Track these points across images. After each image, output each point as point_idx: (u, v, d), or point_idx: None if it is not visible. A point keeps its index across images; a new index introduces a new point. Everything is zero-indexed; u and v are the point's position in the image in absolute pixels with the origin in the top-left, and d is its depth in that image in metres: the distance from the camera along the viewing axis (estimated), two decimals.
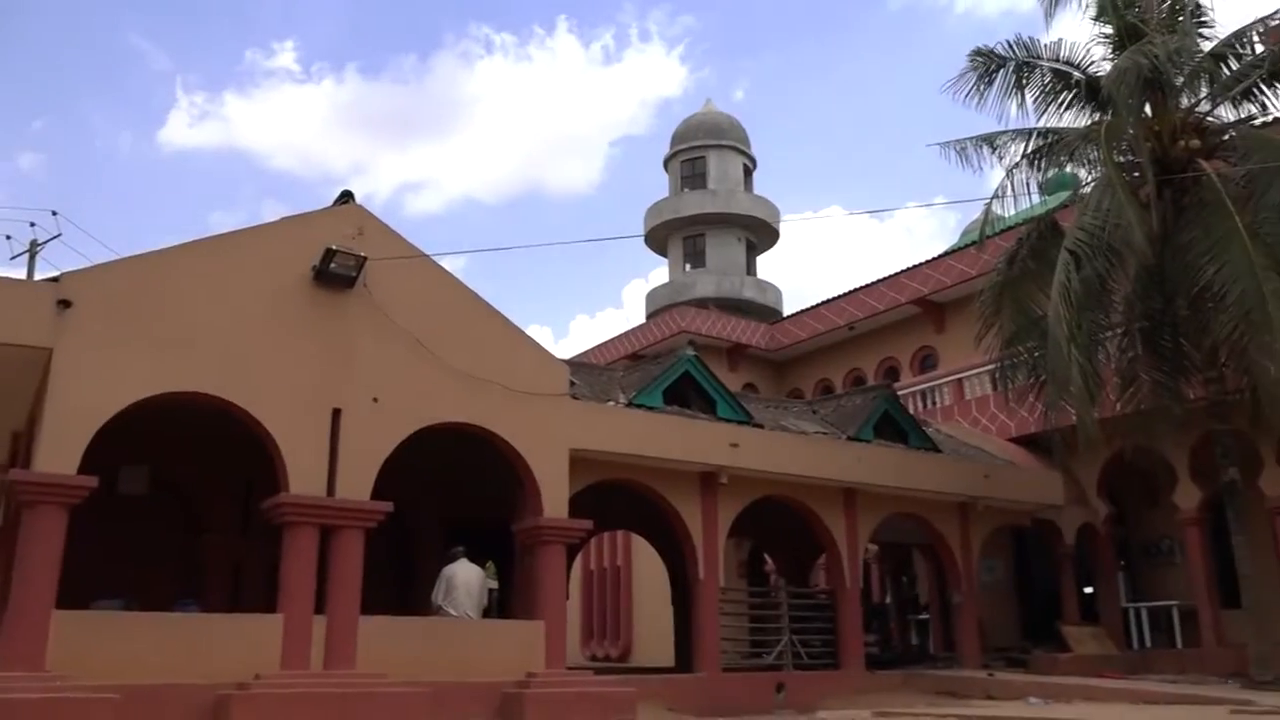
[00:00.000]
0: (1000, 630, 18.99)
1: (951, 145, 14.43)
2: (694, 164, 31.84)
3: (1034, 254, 13.87)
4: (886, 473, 14.67)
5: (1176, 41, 12.83)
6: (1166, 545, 18.08)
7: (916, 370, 23.09)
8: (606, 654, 23.92)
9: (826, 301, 24.97)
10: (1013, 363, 14.23)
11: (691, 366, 13.88)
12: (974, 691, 13.35)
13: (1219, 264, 11.72)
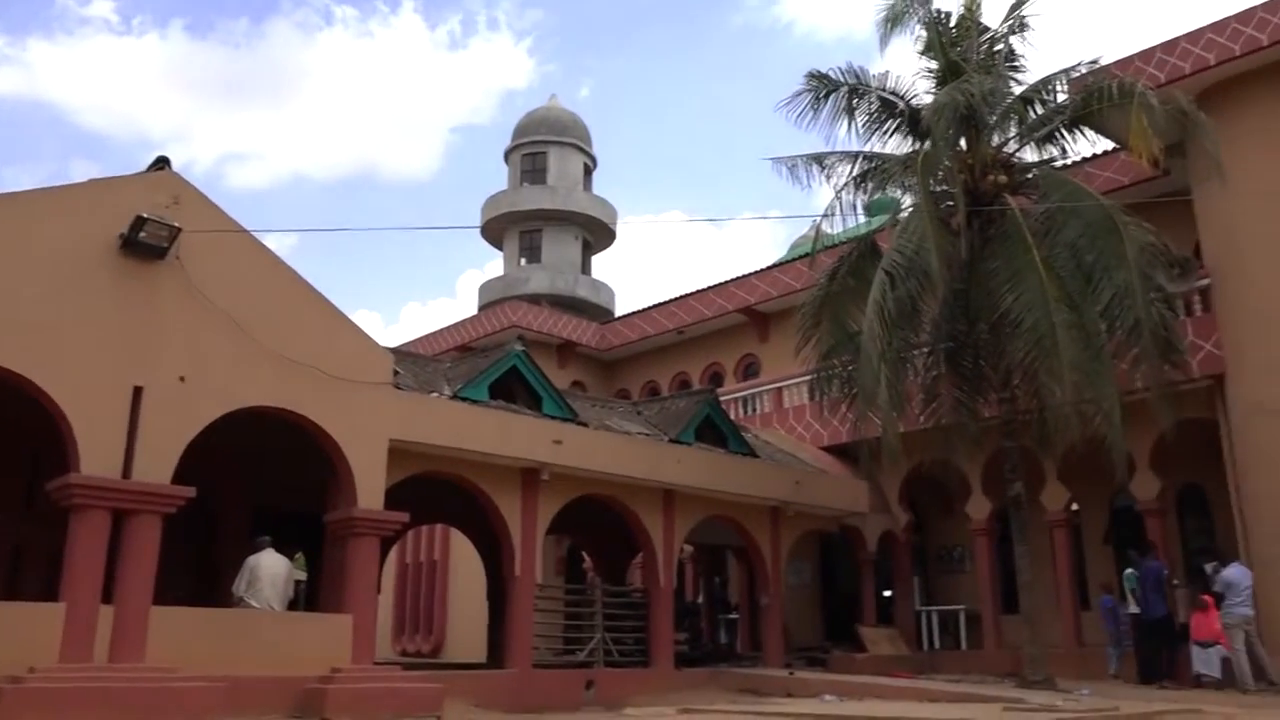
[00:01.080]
0: (804, 630, 19.80)
1: (784, 162, 14.93)
2: (535, 159, 31.70)
3: (854, 272, 14.50)
4: (705, 475, 15.02)
5: (991, 83, 13.69)
6: (958, 553, 19.31)
7: (740, 377, 23.77)
8: (418, 650, 23.50)
9: (658, 305, 25.37)
10: (828, 375, 14.82)
11: (519, 362, 13.82)
12: (775, 689, 13.83)
13: (1017, 293, 12.56)
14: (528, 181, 31.51)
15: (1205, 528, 16.56)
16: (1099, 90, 13.32)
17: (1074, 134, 14.27)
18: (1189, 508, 16.79)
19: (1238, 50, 14.11)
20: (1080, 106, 13.67)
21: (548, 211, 30.68)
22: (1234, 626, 12.94)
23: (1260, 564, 13.47)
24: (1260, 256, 14.04)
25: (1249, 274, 14.15)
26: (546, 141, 31.74)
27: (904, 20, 14.58)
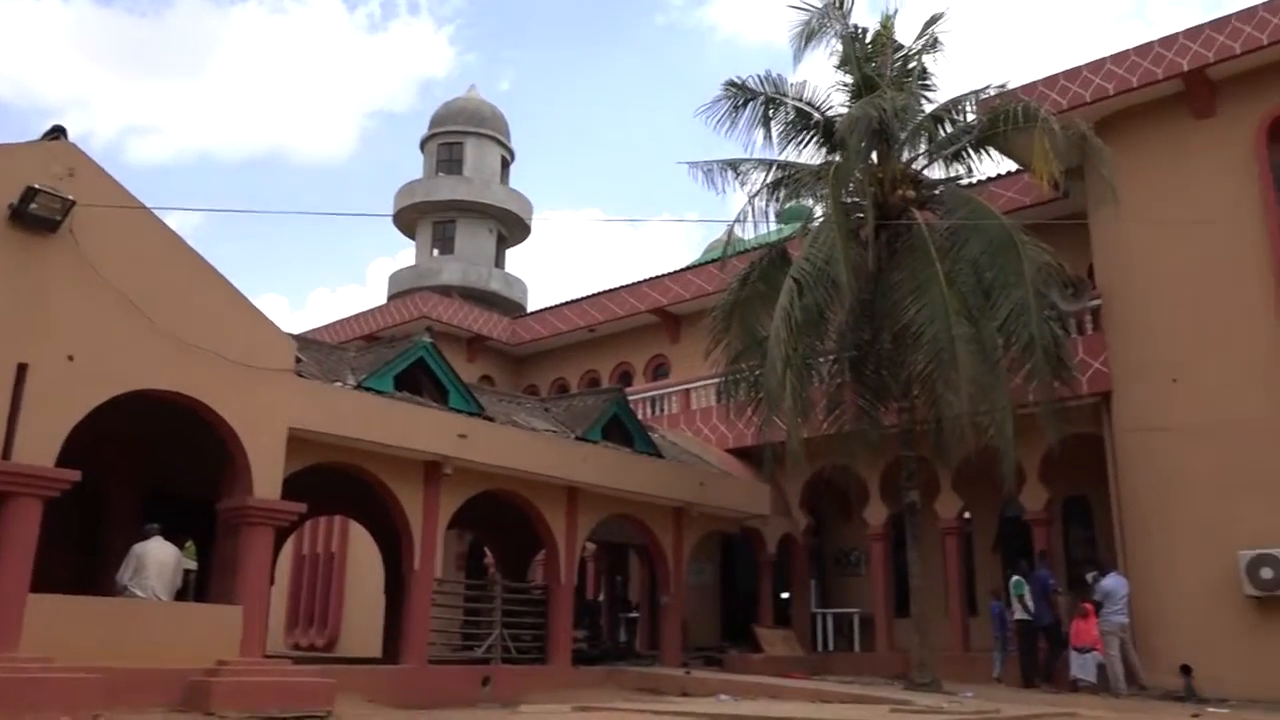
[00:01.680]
0: (703, 630, 20.00)
1: (700, 166, 15.07)
2: (451, 149, 31.33)
3: (764, 278, 14.71)
4: (610, 474, 15.06)
5: (904, 99, 14.03)
6: (855, 557, 19.74)
7: (649, 377, 23.89)
8: (312, 643, 23.04)
9: (570, 302, 25.33)
10: (736, 378, 15.01)
11: (427, 353, 13.66)
12: (671, 688, 13.93)
13: (920, 305, 12.90)
14: (443, 171, 31.14)
15: (1088, 538, 17.27)
16: (1005, 113, 13.75)
17: (980, 154, 14.73)
18: (1073, 519, 17.48)
19: (1135, 82, 14.73)
20: (987, 127, 14.10)
21: (463, 203, 30.37)
22: (1110, 633, 13.51)
23: (1137, 574, 14.09)
24: (1148, 280, 14.68)
25: (1137, 297, 14.78)
26: (464, 132, 31.42)
27: (820, 35, 14.85)
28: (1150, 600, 13.87)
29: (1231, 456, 13.40)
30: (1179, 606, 13.58)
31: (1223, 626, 13.11)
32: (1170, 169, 14.72)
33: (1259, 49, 13.80)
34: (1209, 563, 13.29)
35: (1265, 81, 14.13)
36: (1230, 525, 13.19)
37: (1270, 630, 12.81)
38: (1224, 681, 12.77)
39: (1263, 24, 13.75)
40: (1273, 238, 13.67)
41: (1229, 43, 13.99)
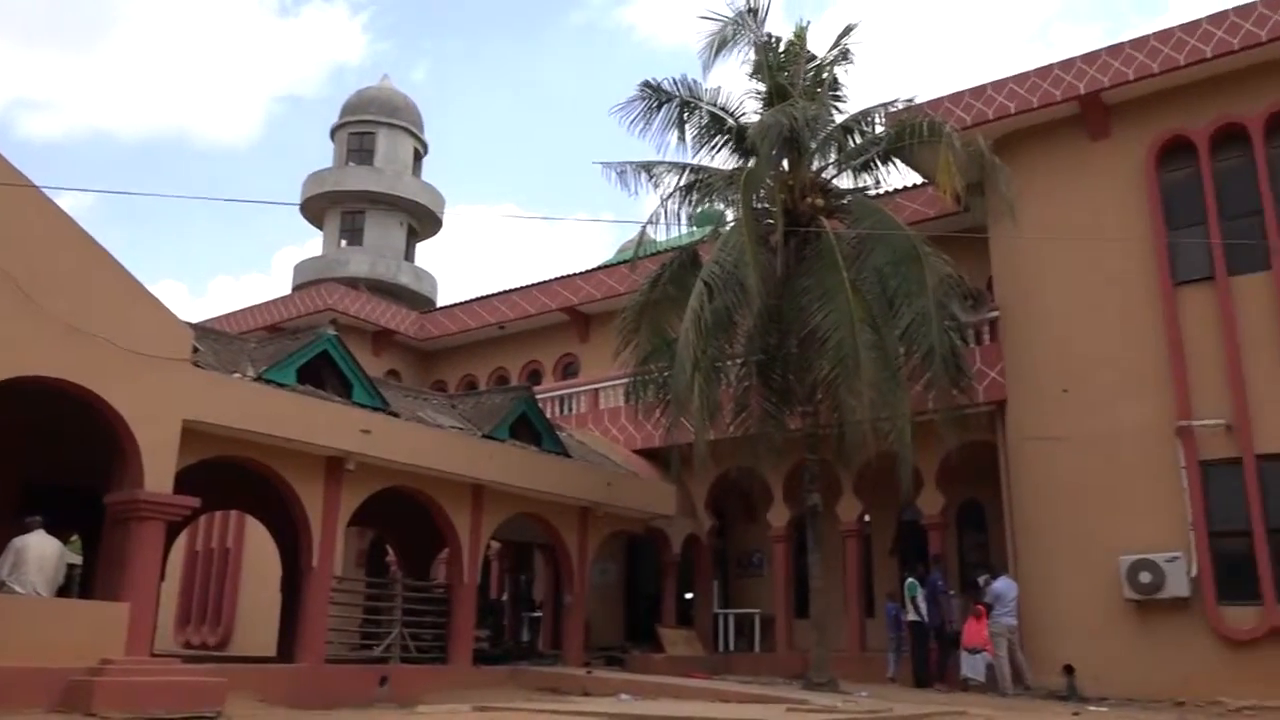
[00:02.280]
0: (606, 630, 20.03)
1: (614, 166, 15.10)
2: (363, 139, 30.79)
3: (674, 280, 14.81)
4: (516, 473, 14.98)
5: (815, 109, 14.28)
6: (758, 558, 20.00)
7: (559, 376, 23.83)
8: (204, 642, 22.38)
9: (480, 298, 25.11)
10: (644, 380, 15.07)
11: (331, 346, 13.40)
12: (573, 688, 13.92)
13: (826, 311, 13.14)
14: (354, 161, 30.58)
15: (981, 542, 17.82)
16: (912, 126, 14.10)
17: (887, 165, 15.07)
18: (968, 523, 18.02)
19: (1035, 102, 15.25)
20: (894, 140, 14.44)
21: (373, 194, 29.87)
22: (999, 635, 13.96)
23: (1026, 578, 14.59)
24: (1043, 294, 15.22)
25: (1032, 310, 15.31)
26: (377, 122, 30.91)
27: (733, 42, 15.01)
28: (1038, 603, 14.37)
29: (1116, 465, 13.98)
30: (1064, 609, 14.10)
31: (1104, 628, 13.66)
32: (1066, 187, 15.28)
33: (1151, 76, 14.42)
34: (1093, 567, 13.83)
35: (1156, 107, 14.77)
36: (1113, 531, 13.76)
37: (1148, 632, 13.40)
38: (1104, 681, 13.31)
39: (1154, 53, 14.38)
40: (1159, 256, 14.29)
41: (1123, 69, 14.59)
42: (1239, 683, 12.47)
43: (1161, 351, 14.02)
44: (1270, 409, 13.17)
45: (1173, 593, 13.13)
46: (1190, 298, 14.06)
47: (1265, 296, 13.50)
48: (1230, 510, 13.25)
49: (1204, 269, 14.02)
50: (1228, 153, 14.29)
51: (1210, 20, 14.05)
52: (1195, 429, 13.55)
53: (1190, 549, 13.24)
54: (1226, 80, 14.27)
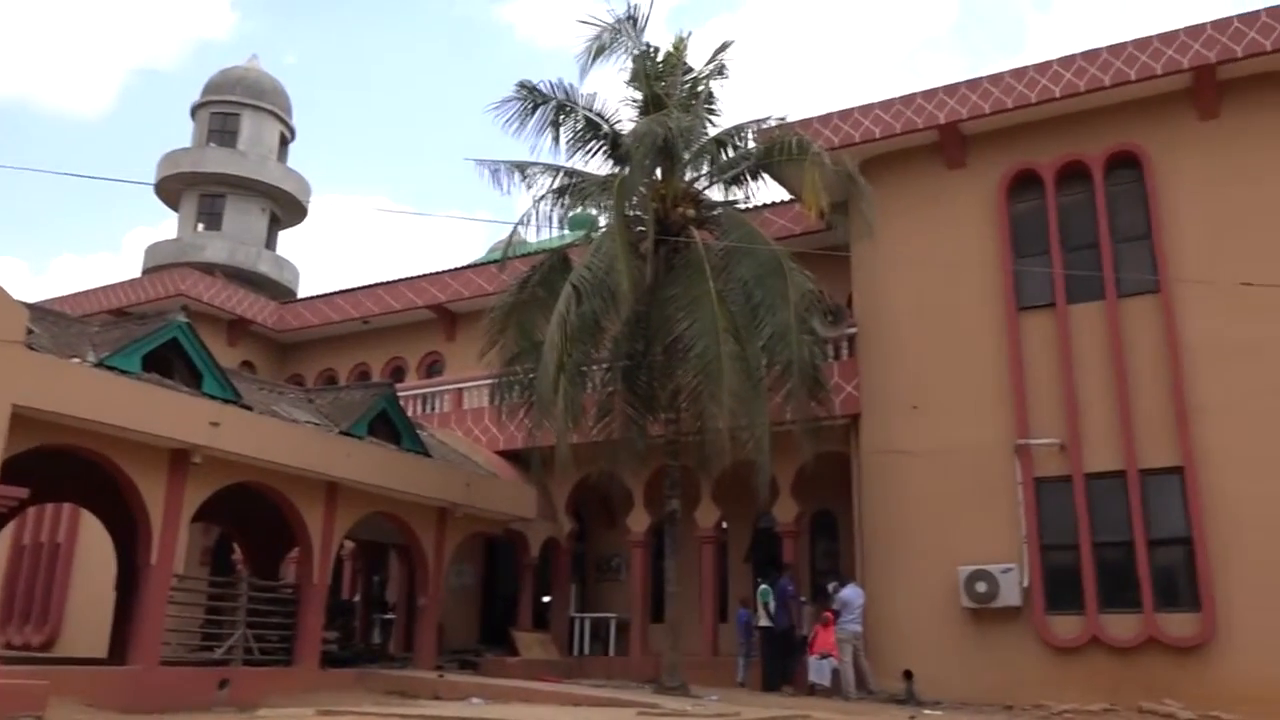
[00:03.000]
0: (460, 633, 19.79)
1: (487, 164, 14.97)
2: (226, 119, 29.60)
3: (544, 282, 14.77)
4: (373, 471, 14.65)
5: (690, 121, 14.49)
6: (616, 563, 20.09)
7: (423, 374, 23.43)
8: (27, 642, 21.04)
9: (344, 291, 24.45)
10: (509, 381, 14.98)
11: (181, 334, 12.84)
12: (423, 691, 13.70)
13: (691, 320, 13.32)
14: (215, 142, 29.38)
15: (832, 551, 18.37)
16: (782, 144, 14.47)
17: (757, 180, 15.41)
18: (820, 532, 18.55)
19: (898, 128, 15.86)
20: (764, 155, 14.79)
21: (235, 178, 28.75)
22: (844, 641, 14.43)
23: (873, 586, 15.12)
24: (899, 314, 15.82)
25: (888, 328, 15.90)
26: (242, 103, 29.78)
27: (612, 49, 15.09)
28: (882, 610, 14.91)
29: (959, 480, 14.64)
30: (906, 616, 14.68)
31: (942, 635, 14.29)
32: (924, 211, 15.94)
33: (1004, 111, 15.20)
34: (934, 577, 14.45)
35: (1009, 141, 15.58)
36: (954, 543, 14.40)
37: (982, 639, 14.07)
38: (941, 685, 13.91)
39: (1009, 89, 15.16)
40: (1006, 282, 15.06)
41: (980, 102, 15.33)
42: (1062, 687, 13.24)
43: (1004, 373, 14.76)
44: (1099, 431, 14.04)
45: (1006, 602, 13.83)
46: (1032, 323, 14.85)
47: (1099, 325, 14.39)
48: (1060, 525, 14.06)
49: (1046, 296, 14.84)
50: (1071, 188, 15.18)
51: (1060, 62, 14.91)
52: (1032, 447, 14.33)
53: (1023, 561, 13.97)
54: (1073, 120, 15.17)
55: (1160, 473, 13.66)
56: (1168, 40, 14.27)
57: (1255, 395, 13.25)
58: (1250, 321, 13.38)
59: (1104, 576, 13.64)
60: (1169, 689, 12.71)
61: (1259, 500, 12.95)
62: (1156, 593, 13.27)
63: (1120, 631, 13.30)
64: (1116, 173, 14.93)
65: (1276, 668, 12.34)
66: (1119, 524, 13.70)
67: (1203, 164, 14.35)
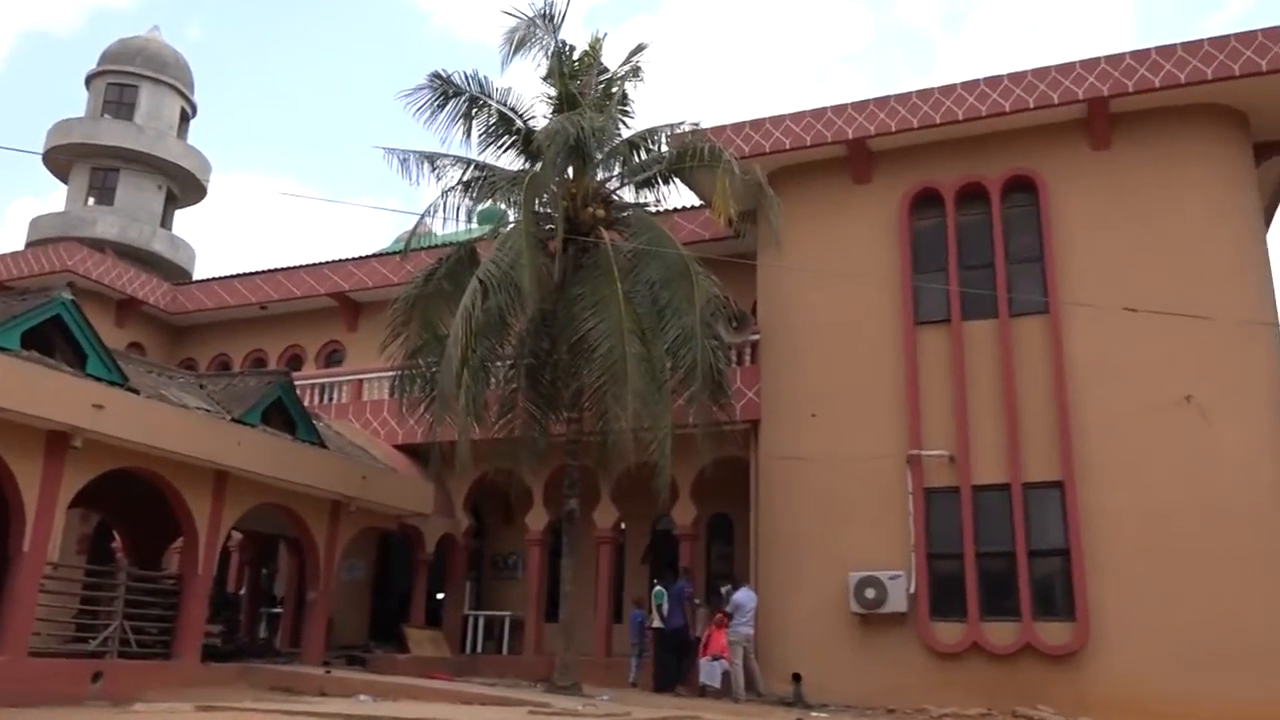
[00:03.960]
0: (351, 629, 19.44)
1: (396, 153, 14.76)
2: (123, 91, 28.47)
3: (450, 276, 14.60)
4: (265, 461, 14.27)
5: (603, 121, 14.49)
6: (513, 561, 20.01)
7: (322, 363, 22.95)
8: None
9: (243, 275, 23.77)
10: (411, 374, 14.75)
11: (65, 311, 12.32)
12: (310, 688, 13.41)
13: (598, 320, 13.33)
14: (110, 114, 28.24)
15: (727, 554, 18.62)
16: (694, 149, 14.57)
17: (668, 184, 15.49)
18: (717, 535, 18.77)
19: (808, 141, 16.15)
20: (676, 160, 14.88)
21: (130, 151, 27.68)
22: (736, 643, 14.61)
23: (766, 590, 15.35)
24: (801, 322, 16.10)
25: (790, 336, 16.17)
26: (141, 75, 28.69)
27: (529, 44, 15.02)
28: (774, 613, 15.16)
29: (853, 488, 14.97)
30: (797, 620, 14.95)
31: (831, 639, 14.59)
32: (830, 223, 16.26)
33: (910, 130, 15.61)
34: (825, 582, 14.74)
35: (913, 159, 16.00)
36: (846, 549, 14.71)
37: (869, 643, 14.42)
38: (829, 688, 14.20)
39: (915, 109, 15.57)
40: (905, 297, 15.46)
41: (887, 120, 15.71)
42: (944, 692, 13.65)
43: (900, 385, 15.15)
44: (987, 444, 14.52)
45: (893, 608, 14.19)
46: (929, 337, 15.28)
47: (991, 342, 14.88)
48: (947, 534, 14.50)
49: (942, 312, 15.29)
50: (971, 208, 15.67)
51: (964, 86, 15.39)
52: (923, 458, 14.75)
53: (910, 568, 14.37)
54: (975, 142, 15.66)
55: (1042, 486, 14.20)
56: (1065, 71, 14.85)
57: (1131, 414, 13.89)
58: (1130, 345, 14.01)
59: (986, 585, 14.12)
60: (1043, 695, 13.21)
61: (1130, 514, 13.57)
62: (1035, 602, 13.78)
63: (1000, 638, 13.78)
64: (1013, 196, 15.47)
65: (1142, 675, 12.95)
66: (1002, 535, 14.20)
67: (1093, 192, 14.98)
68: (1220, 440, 13.53)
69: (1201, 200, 14.63)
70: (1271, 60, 13.91)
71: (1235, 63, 14.07)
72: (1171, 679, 12.79)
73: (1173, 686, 12.72)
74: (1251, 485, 13.43)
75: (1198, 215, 14.56)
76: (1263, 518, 13.30)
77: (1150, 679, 12.88)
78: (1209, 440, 13.54)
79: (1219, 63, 14.14)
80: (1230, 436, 13.55)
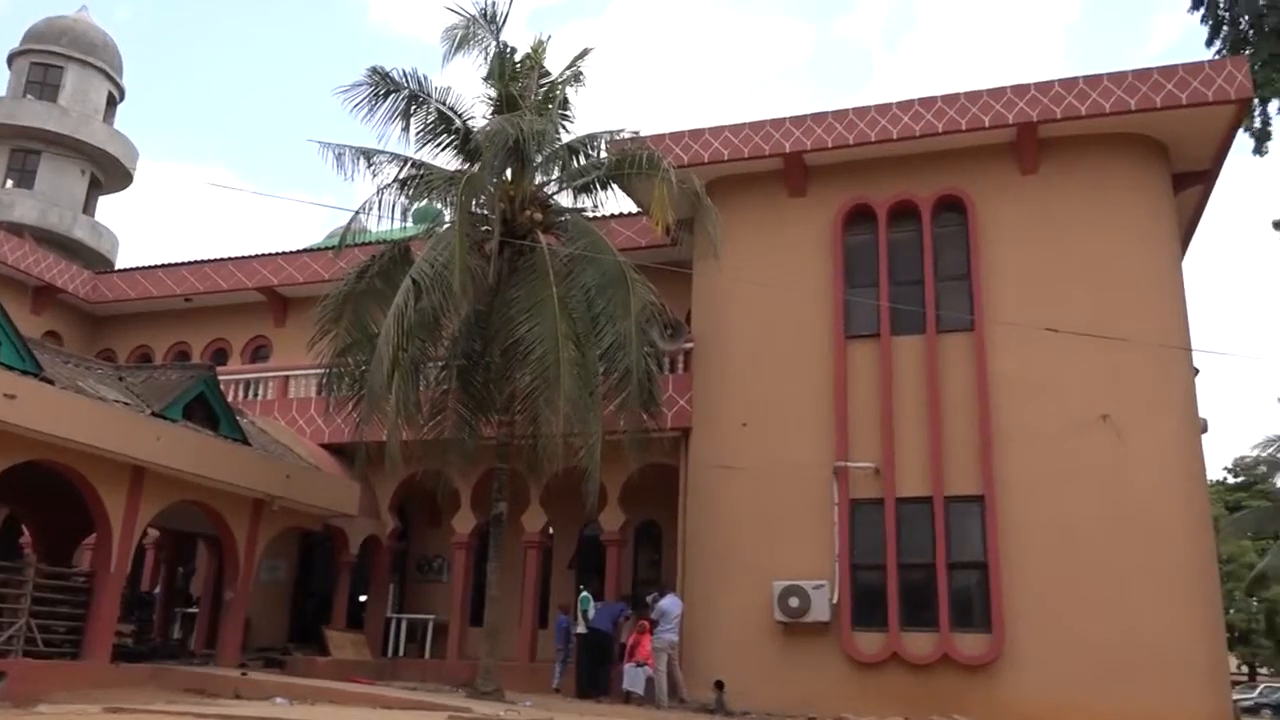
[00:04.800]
0: (270, 630, 19.06)
1: (331, 147, 14.53)
2: (47, 71, 27.68)
3: (383, 274, 14.42)
4: (185, 457, 13.94)
5: (543, 124, 14.44)
6: (438, 564, 19.82)
7: (248, 358, 22.48)
8: None
9: (168, 265, 23.17)
10: (340, 372, 14.51)
11: None
12: (224, 690, 13.12)
13: (532, 324, 13.28)
14: (33, 95, 27.43)
15: (655, 561, 18.67)
16: (633, 157, 14.60)
17: (607, 190, 15.48)
18: (644, 541, 18.81)
19: (746, 153, 16.32)
20: (615, 167, 14.89)
21: (53, 134, 26.91)
22: (660, 650, 14.66)
23: (692, 597, 15.44)
24: (735, 332, 16.25)
25: (724, 346, 16.30)
26: (67, 56, 27.92)
27: (470, 43, 14.93)
28: (700, 621, 15.24)
29: (781, 497, 15.12)
30: (722, 628, 15.05)
31: (755, 647, 14.71)
32: (765, 236, 16.43)
33: (845, 147, 15.86)
34: (751, 590, 14.86)
35: (848, 175, 16.25)
36: (771, 558, 14.86)
37: (791, 651, 14.57)
38: (752, 696, 14.32)
39: (851, 125, 15.83)
40: (836, 311, 15.68)
41: (824, 135, 15.94)
42: (863, 700, 13.86)
43: (829, 397, 15.36)
44: (911, 457, 14.79)
45: (816, 617, 14.37)
46: (858, 351, 15.52)
47: (918, 357, 15.17)
48: (870, 545, 14.73)
49: (872, 326, 15.54)
50: (902, 225, 15.96)
51: (899, 106, 15.69)
52: (849, 470, 14.96)
53: (834, 578, 14.56)
54: (908, 161, 15.97)
55: (963, 500, 14.51)
56: (996, 96, 15.23)
57: (1050, 431, 14.27)
58: (1049, 364, 14.40)
59: (907, 596, 14.37)
60: (959, 704, 13.49)
61: (1047, 529, 13.93)
62: (953, 613, 14.07)
63: (918, 649, 14.03)
64: (943, 215, 15.80)
65: (1053, 686, 13.30)
66: (923, 547, 14.47)
67: (1020, 214, 15.37)
68: (1134, 459, 13.97)
69: (1123, 226, 15.11)
70: (1191, 94, 14.43)
71: (1157, 95, 14.58)
72: (1081, 689, 13.17)
73: (1082, 697, 13.11)
74: (1162, 503, 13.89)
75: (1119, 241, 15.04)
76: (1172, 535, 13.78)
77: (1061, 689, 13.24)
78: (1123, 459, 13.97)
79: (1142, 94, 14.64)
80: (1143, 455, 14.01)
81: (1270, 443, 37.23)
